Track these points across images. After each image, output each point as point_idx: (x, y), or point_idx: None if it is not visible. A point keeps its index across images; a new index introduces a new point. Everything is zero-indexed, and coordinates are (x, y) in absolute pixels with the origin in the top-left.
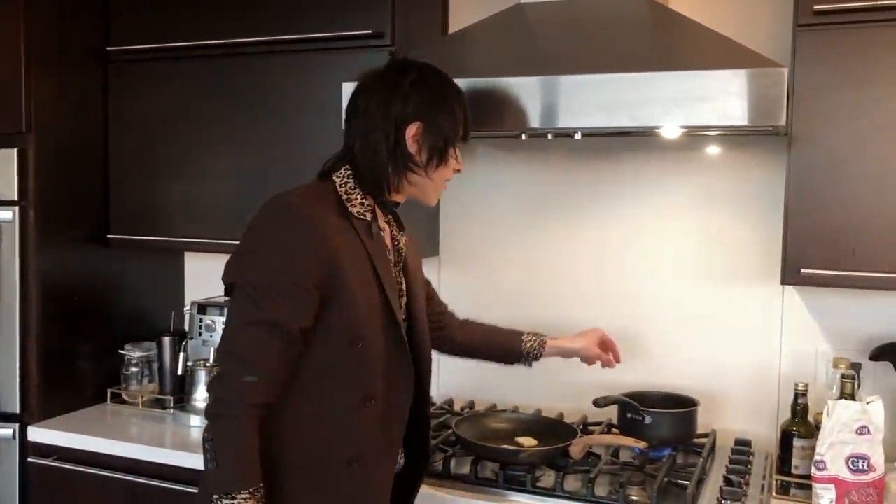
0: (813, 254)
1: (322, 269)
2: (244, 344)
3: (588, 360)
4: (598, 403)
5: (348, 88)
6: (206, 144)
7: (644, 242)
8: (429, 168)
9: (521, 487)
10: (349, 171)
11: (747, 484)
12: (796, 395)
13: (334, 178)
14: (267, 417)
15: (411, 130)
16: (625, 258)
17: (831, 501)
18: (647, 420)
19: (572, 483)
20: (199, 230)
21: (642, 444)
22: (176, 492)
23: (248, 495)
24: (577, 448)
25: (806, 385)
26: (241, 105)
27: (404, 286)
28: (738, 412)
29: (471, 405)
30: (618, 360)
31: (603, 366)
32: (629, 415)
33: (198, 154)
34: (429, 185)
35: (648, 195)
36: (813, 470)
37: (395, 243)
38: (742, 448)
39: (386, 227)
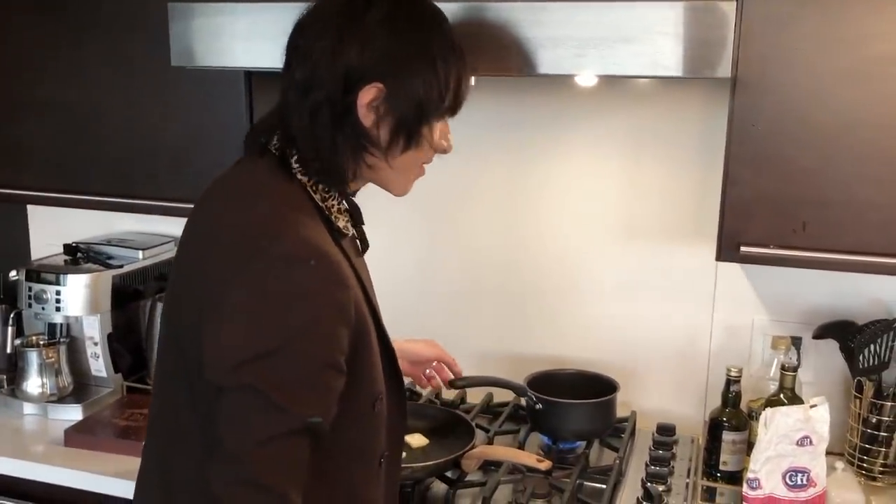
0: (756, 228)
1: (350, 332)
2: (268, 466)
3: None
4: (454, 385)
5: (177, 13)
6: (29, 72)
7: (558, 196)
8: (391, 152)
9: None
10: (295, 154)
11: (669, 490)
12: (728, 382)
13: (299, 176)
14: None
15: (366, 95)
16: (535, 214)
17: None
18: (539, 406)
19: (466, 499)
20: (22, 178)
21: (545, 465)
22: None
23: None
24: (470, 462)
25: (740, 370)
26: (69, 21)
27: None
28: (662, 390)
29: None
30: (444, 383)
31: (423, 386)
32: (524, 400)
33: (18, 84)
34: (391, 173)
35: (564, 142)
36: (745, 488)
37: (359, 244)
38: (665, 439)
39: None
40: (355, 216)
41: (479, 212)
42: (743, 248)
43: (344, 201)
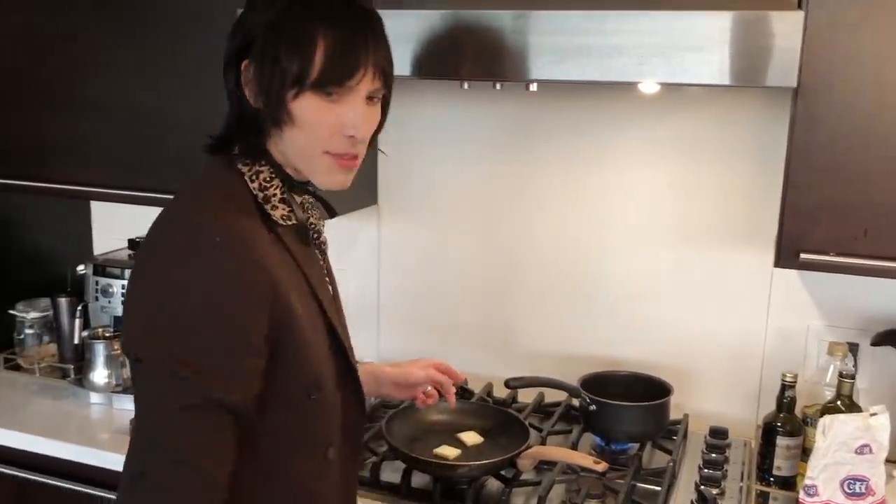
0: (816, 235)
1: (267, 318)
2: (180, 437)
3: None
4: (509, 385)
5: None
6: (97, 72)
7: (613, 200)
8: (269, 130)
9: (460, 503)
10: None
11: (723, 493)
12: (783, 387)
13: (239, 165)
14: None
15: (244, 70)
16: (590, 218)
17: None
18: (593, 407)
19: (520, 498)
20: (91, 174)
21: (602, 466)
22: (75, 492)
23: None
24: (526, 462)
25: (795, 376)
26: (133, 22)
27: (336, 296)
28: (715, 393)
29: None
30: (449, 402)
31: (420, 404)
32: (577, 401)
33: (87, 84)
34: (286, 149)
35: (619, 146)
36: (802, 494)
37: (316, 237)
38: (718, 442)
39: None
40: (323, 209)
41: (536, 214)
42: (803, 255)
43: (291, 190)
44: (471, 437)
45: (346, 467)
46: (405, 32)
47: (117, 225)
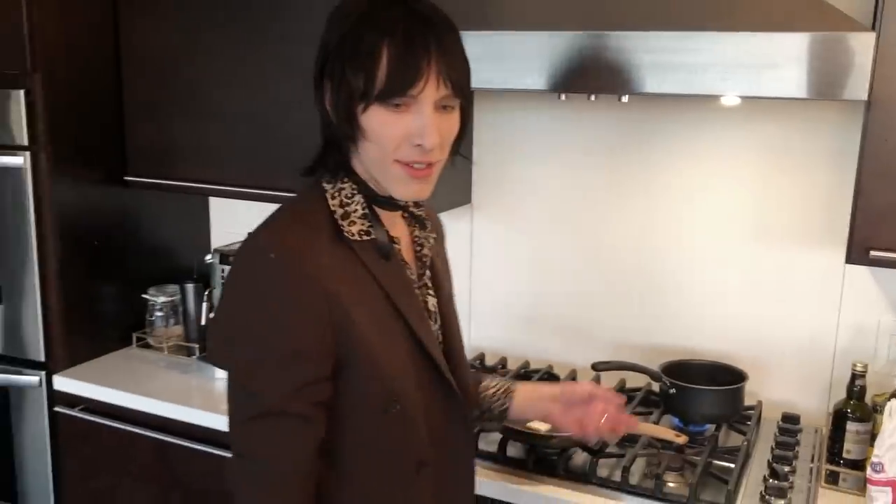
0: (884, 234)
1: (325, 331)
2: (254, 445)
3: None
4: (596, 367)
5: None
6: (222, 84)
7: (694, 203)
8: (348, 146)
9: (551, 471)
10: (346, 175)
11: (794, 471)
12: (853, 377)
13: (324, 184)
14: None
15: (324, 89)
16: (673, 219)
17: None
18: (673, 391)
19: (605, 469)
20: (216, 174)
21: (682, 439)
22: (205, 453)
23: None
24: (612, 435)
25: (865, 366)
26: (257, 40)
27: (435, 307)
28: (788, 383)
29: (503, 362)
30: (614, 432)
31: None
32: (657, 386)
33: (213, 94)
34: (364, 163)
35: (702, 152)
36: (869, 471)
37: (418, 249)
38: (790, 426)
39: (401, 232)
40: (416, 219)
41: (622, 215)
42: (872, 253)
43: (380, 207)
44: (539, 424)
45: (440, 482)
46: (514, 50)
47: (233, 219)
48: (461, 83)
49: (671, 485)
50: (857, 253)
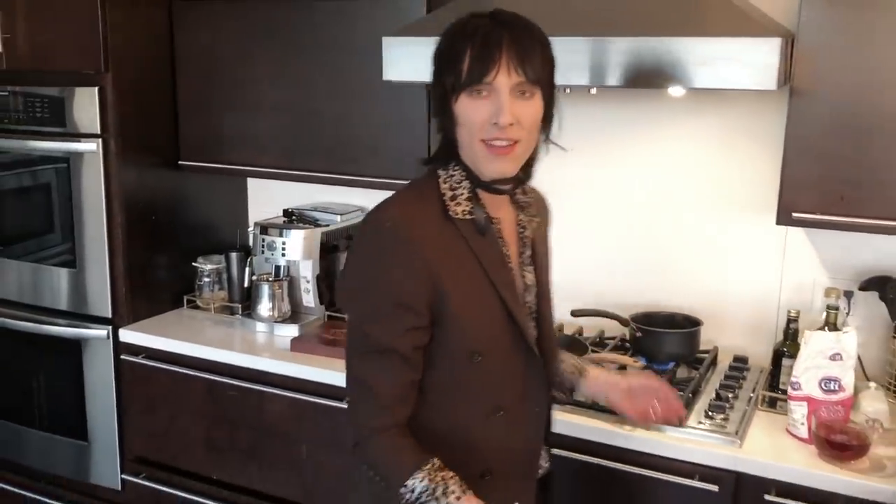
0: (805, 199)
1: (425, 286)
2: (366, 373)
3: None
4: (575, 314)
5: (389, 43)
6: (263, 81)
7: (659, 180)
8: (453, 138)
9: None
10: (456, 163)
11: (737, 397)
12: (788, 321)
13: (439, 171)
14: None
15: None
16: (642, 193)
17: (803, 416)
18: (640, 334)
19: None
20: (258, 159)
21: (639, 364)
22: (247, 389)
23: (420, 477)
24: None
25: (797, 312)
26: (294, 45)
27: (532, 282)
28: (740, 332)
29: None
30: (675, 418)
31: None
32: (628, 332)
33: (256, 90)
34: (462, 149)
35: (658, 136)
36: (789, 389)
37: (521, 231)
38: (739, 364)
39: (506, 214)
40: (519, 206)
41: (599, 192)
42: (794, 215)
43: (485, 190)
44: None
45: (523, 425)
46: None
47: (268, 198)
48: (535, 72)
49: None
50: (784, 216)
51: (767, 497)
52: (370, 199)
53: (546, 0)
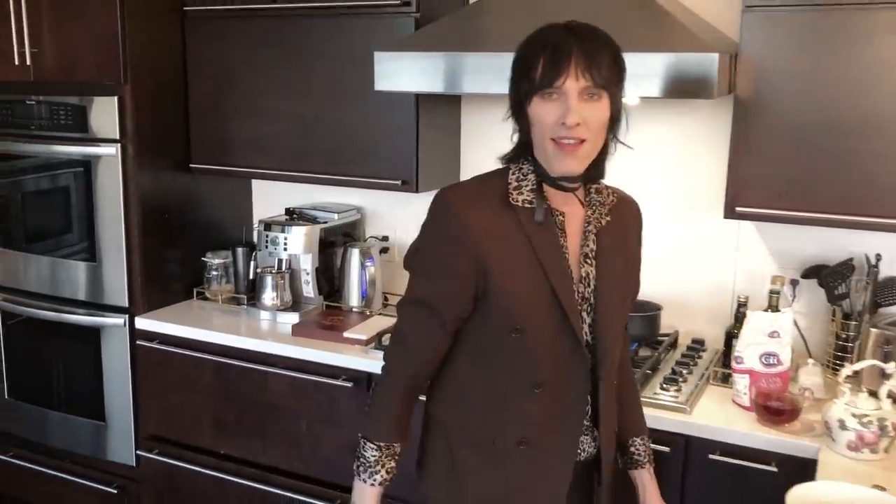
0: (747, 195)
1: (469, 260)
2: (403, 320)
3: None
4: None
5: (381, 58)
6: (267, 90)
7: (624, 182)
8: (528, 137)
9: None
10: (527, 159)
11: (691, 373)
12: (738, 305)
13: (511, 166)
14: (446, 399)
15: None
16: None
17: (745, 386)
18: None
19: None
20: (263, 161)
21: None
22: (251, 370)
23: (377, 447)
24: None
25: (747, 297)
26: (295, 58)
27: (591, 274)
28: (700, 318)
29: None
30: None
31: None
32: None
33: (260, 98)
34: (535, 148)
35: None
36: (733, 363)
37: (586, 226)
38: (696, 346)
39: (573, 209)
40: (590, 204)
41: None
42: (738, 209)
43: (553, 186)
44: None
45: (563, 404)
46: None
47: (272, 198)
48: (602, 77)
49: None
50: (729, 210)
51: (712, 456)
52: (365, 198)
53: (527, 19)
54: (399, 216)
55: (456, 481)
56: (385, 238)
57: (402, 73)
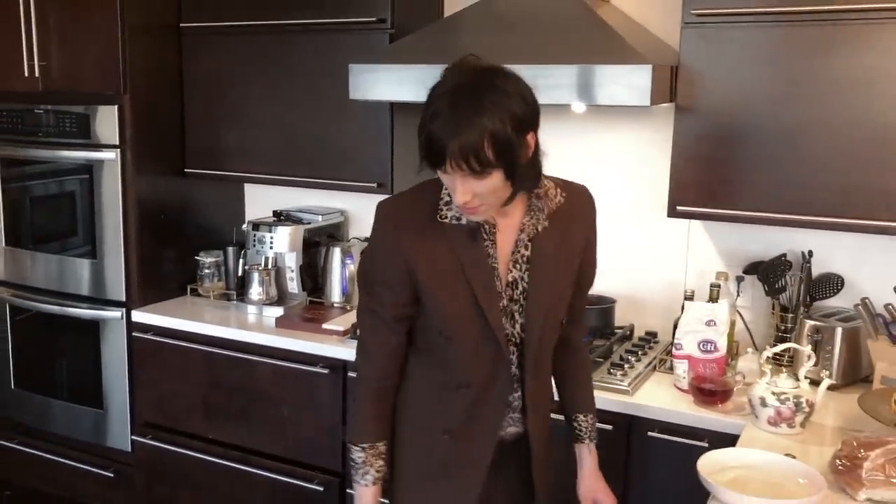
0: (688, 195)
1: (402, 271)
2: (361, 328)
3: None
4: None
5: (355, 69)
6: (256, 101)
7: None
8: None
9: None
10: None
11: (639, 360)
12: (685, 298)
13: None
14: (397, 390)
15: None
16: None
17: (684, 371)
18: None
19: None
20: (252, 167)
21: None
22: (238, 358)
23: (361, 449)
24: None
25: (693, 291)
26: (283, 71)
27: (523, 279)
28: (654, 313)
29: None
30: None
31: None
32: None
33: (250, 108)
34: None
35: (577, 151)
36: (673, 350)
37: (519, 233)
38: (648, 338)
39: (510, 219)
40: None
41: None
42: (678, 208)
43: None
44: None
45: (486, 403)
46: None
47: (262, 201)
48: (480, 163)
49: None
50: (672, 209)
51: (651, 433)
52: (347, 201)
53: (490, 34)
54: None
55: (395, 452)
56: (367, 239)
57: (376, 83)
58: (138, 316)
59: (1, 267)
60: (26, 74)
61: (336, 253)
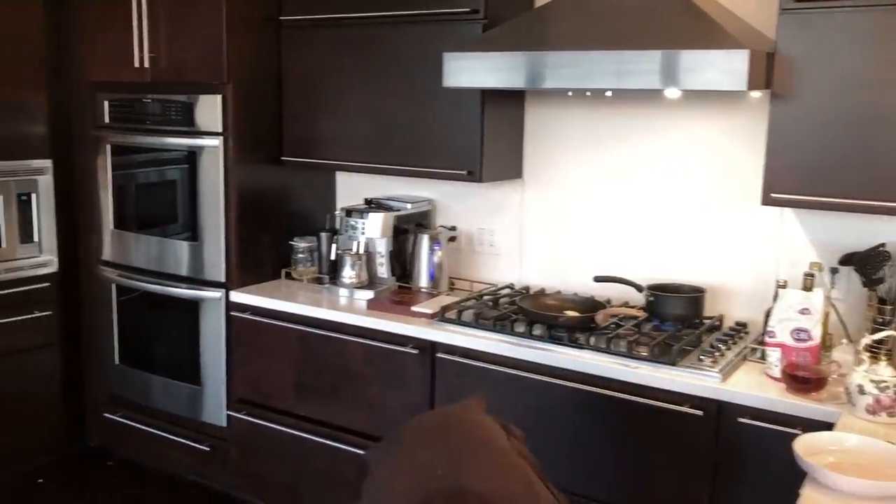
0: (783, 182)
1: None
2: None
3: None
4: (597, 279)
5: (449, 58)
6: (351, 92)
7: (670, 174)
8: None
9: (560, 342)
10: None
11: (730, 349)
12: (777, 287)
13: None
14: None
15: None
16: (660, 187)
17: (777, 359)
18: (651, 298)
19: (599, 341)
20: (346, 155)
21: (642, 315)
22: (330, 338)
23: None
24: (600, 317)
25: (785, 281)
26: (376, 62)
27: None
28: (745, 304)
29: (542, 291)
30: None
31: None
32: (644, 296)
33: (343, 98)
34: None
35: (665, 137)
36: (766, 338)
37: None
38: (738, 328)
39: None
40: None
41: (620, 185)
42: (772, 195)
43: None
44: (571, 313)
45: None
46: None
47: (353, 188)
48: None
49: (640, 349)
50: (766, 197)
51: (741, 420)
52: (434, 191)
53: (581, 22)
54: (465, 208)
55: None
56: (453, 228)
57: (469, 71)
58: (236, 296)
59: (109, 249)
60: (136, 65)
61: (424, 240)
